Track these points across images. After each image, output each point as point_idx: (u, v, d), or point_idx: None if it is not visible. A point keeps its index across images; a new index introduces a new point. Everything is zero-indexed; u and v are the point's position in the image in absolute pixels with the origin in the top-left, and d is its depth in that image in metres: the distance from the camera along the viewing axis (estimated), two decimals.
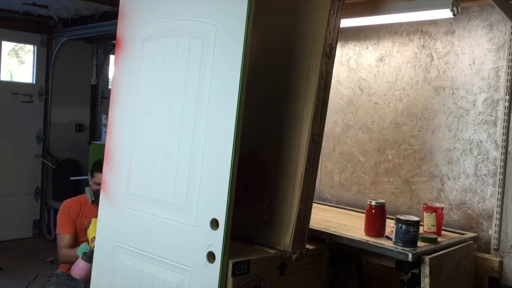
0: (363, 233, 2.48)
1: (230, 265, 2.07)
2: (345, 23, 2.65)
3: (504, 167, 2.61)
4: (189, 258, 2.17)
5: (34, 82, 5.68)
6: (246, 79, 2.05)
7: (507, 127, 2.61)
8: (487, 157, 2.72)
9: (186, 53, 2.28)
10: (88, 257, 2.94)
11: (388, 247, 2.29)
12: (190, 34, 2.26)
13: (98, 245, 2.62)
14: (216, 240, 2.06)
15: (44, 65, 5.72)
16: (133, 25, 2.53)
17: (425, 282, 2.20)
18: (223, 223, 2.05)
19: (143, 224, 2.40)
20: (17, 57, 6.02)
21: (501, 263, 2.58)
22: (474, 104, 2.78)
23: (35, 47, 5.70)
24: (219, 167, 2.08)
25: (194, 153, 2.20)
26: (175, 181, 2.28)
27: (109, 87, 6.37)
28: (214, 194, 2.09)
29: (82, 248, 3.12)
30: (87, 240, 3.17)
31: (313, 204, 2.34)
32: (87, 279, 2.92)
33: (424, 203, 2.69)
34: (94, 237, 2.89)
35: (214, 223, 2.08)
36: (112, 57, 6.14)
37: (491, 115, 2.71)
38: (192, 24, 2.25)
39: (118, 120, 2.58)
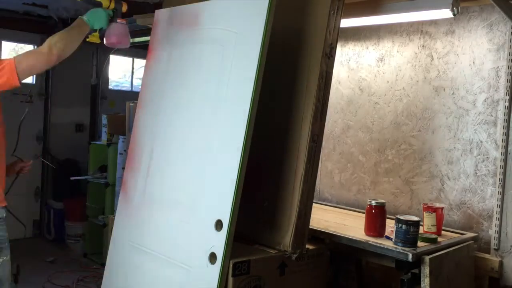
0: (363, 233, 2.48)
1: (231, 265, 2.08)
2: (345, 23, 2.65)
3: (504, 167, 2.61)
4: (193, 258, 2.18)
5: (34, 82, 5.68)
6: (260, 83, 2.10)
7: (507, 127, 2.61)
8: (487, 157, 2.72)
9: (207, 60, 2.36)
10: (114, 17, 2.43)
11: (388, 247, 2.29)
12: (212, 41, 2.34)
13: (114, 243, 2.65)
14: (219, 241, 2.07)
15: None
16: (164, 34, 2.63)
17: (425, 282, 2.20)
18: (227, 224, 2.06)
19: (154, 224, 2.43)
20: None
21: (501, 263, 2.58)
22: (474, 104, 2.78)
23: (35, 47, 5.70)
24: (228, 170, 2.11)
25: (205, 156, 2.25)
26: (185, 182, 2.32)
27: (109, 87, 6.37)
28: (221, 196, 2.11)
29: (98, 15, 2.37)
30: None
31: (313, 204, 2.35)
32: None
33: (424, 203, 2.69)
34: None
35: (219, 224, 2.09)
36: (112, 57, 6.15)
37: (491, 115, 2.71)
38: (215, 32, 2.33)
39: (142, 123, 2.67)
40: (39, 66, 2.25)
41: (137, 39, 5.26)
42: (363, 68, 3.31)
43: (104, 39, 2.46)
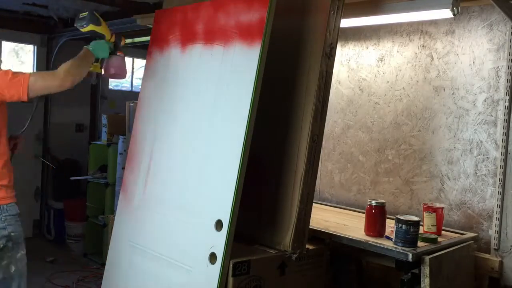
0: (363, 233, 2.48)
1: (231, 265, 2.08)
2: (345, 23, 2.64)
3: (504, 167, 2.61)
4: (193, 258, 2.19)
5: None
6: (260, 83, 2.11)
7: (507, 127, 2.61)
8: (487, 157, 2.72)
9: (207, 59, 2.37)
10: (114, 49, 2.57)
11: (388, 247, 2.29)
12: (212, 41, 2.34)
13: (114, 243, 2.65)
14: (219, 241, 2.07)
15: (44, 65, 5.71)
16: (164, 35, 2.64)
17: (425, 282, 2.20)
18: (227, 224, 2.06)
19: (154, 224, 2.43)
20: (17, 57, 6.02)
21: (501, 263, 2.58)
22: (474, 104, 2.78)
23: (35, 47, 5.70)
24: (228, 170, 2.11)
25: (205, 156, 2.26)
26: (186, 182, 2.33)
27: (109, 87, 6.38)
28: (221, 196, 2.11)
29: (101, 46, 2.51)
30: None
31: (313, 204, 2.35)
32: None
33: (424, 203, 2.69)
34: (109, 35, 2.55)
35: (219, 224, 2.09)
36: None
37: (491, 115, 2.71)
38: (215, 32, 2.34)
39: (142, 123, 2.68)
40: (51, 89, 2.35)
41: (137, 39, 5.26)
42: (363, 68, 3.31)
43: (103, 70, 2.59)
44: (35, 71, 5.64)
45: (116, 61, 2.59)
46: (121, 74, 2.63)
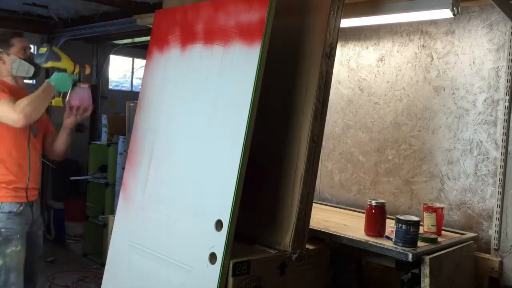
0: (363, 233, 2.48)
1: (231, 265, 2.08)
2: (345, 23, 2.64)
3: (504, 167, 2.61)
4: (193, 258, 2.19)
5: (34, 82, 5.67)
6: (260, 84, 2.11)
7: (507, 127, 2.61)
8: (487, 157, 2.72)
9: (207, 60, 2.36)
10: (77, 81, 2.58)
11: (388, 247, 2.29)
12: (212, 41, 2.34)
13: (114, 243, 2.65)
14: (219, 242, 2.07)
15: None
16: (164, 35, 2.64)
17: (425, 282, 2.20)
18: (227, 224, 2.06)
19: (154, 224, 2.43)
20: None
21: (501, 263, 2.58)
22: (474, 104, 2.78)
23: (35, 47, 5.69)
24: (228, 170, 2.11)
25: (205, 156, 2.26)
26: (185, 182, 2.33)
27: (109, 87, 6.38)
28: (221, 196, 2.11)
29: (63, 79, 2.52)
30: None
31: (313, 204, 2.35)
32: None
33: (424, 203, 2.69)
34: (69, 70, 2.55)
35: (219, 224, 2.09)
36: (112, 57, 6.15)
37: (491, 115, 2.71)
38: (215, 32, 2.34)
39: (142, 123, 2.68)
40: (8, 122, 2.39)
41: (137, 39, 5.27)
42: (363, 68, 3.31)
43: (66, 102, 2.61)
44: None
45: (80, 93, 2.60)
46: (85, 104, 2.64)
